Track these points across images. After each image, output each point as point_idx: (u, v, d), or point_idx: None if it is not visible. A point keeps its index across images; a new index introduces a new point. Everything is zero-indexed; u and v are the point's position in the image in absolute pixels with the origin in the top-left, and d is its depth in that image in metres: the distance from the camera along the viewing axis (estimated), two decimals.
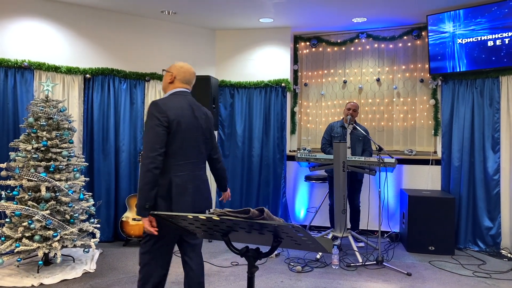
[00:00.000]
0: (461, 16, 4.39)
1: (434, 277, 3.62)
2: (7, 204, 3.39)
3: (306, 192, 5.40)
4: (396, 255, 4.24)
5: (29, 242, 3.33)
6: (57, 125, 3.70)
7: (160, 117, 2.26)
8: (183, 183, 2.32)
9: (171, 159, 2.30)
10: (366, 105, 5.37)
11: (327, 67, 5.55)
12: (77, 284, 3.34)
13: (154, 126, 2.25)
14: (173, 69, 2.48)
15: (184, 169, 2.34)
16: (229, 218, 1.46)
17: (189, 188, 2.34)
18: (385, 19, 4.89)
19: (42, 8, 4.28)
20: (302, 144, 5.65)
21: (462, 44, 4.42)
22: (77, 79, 4.44)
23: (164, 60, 5.06)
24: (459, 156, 4.60)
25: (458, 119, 4.62)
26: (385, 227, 4.94)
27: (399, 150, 5.21)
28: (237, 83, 5.37)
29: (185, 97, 2.43)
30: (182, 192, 2.31)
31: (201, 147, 2.45)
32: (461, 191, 4.56)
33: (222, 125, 5.40)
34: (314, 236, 1.46)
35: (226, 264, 3.89)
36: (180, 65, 2.49)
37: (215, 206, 5.43)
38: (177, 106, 2.34)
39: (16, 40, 4.14)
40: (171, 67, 2.50)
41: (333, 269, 3.77)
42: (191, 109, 2.41)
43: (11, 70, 4.06)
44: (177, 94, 2.43)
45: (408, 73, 5.21)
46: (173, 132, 2.29)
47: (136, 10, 4.69)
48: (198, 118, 2.42)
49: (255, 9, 4.60)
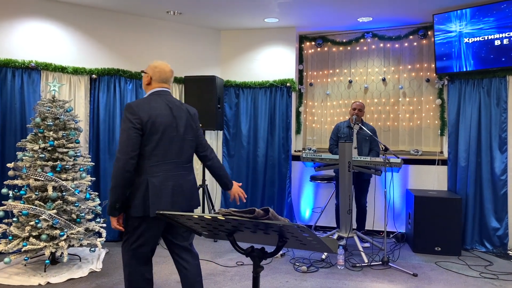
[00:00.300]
0: (467, 15, 4.36)
1: (441, 278, 3.60)
2: (14, 204, 3.43)
3: (311, 192, 5.39)
4: (402, 255, 4.22)
5: (36, 241, 3.35)
6: (64, 125, 3.72)
7: (132, 119, 2.25)
8: (160, 183, 2.31)
9: (147, 160, 2.31)
10: (372, 105, 5.35)
11: (332, 67, 5.54)
12: (84, 283, 3.36)
13: (126, 129, 2.25)
14: (149, 70, 2.47)
15: (161, 170, 2.33)
16: (234, 218, 1.46)
17: (167, 188, 2.33)
18: (391, 18, 4.87)
19: (49, 9, 4.31)
20: (308, 144, 5.64)
21: (469, 44, 4.39)
22: (83, 79, 4.47)
23: (170, 60, 5.07)
24: (465, 156, 4.57)
25: (464, 119, 4.59)
26: (391, 228, 4.92)
27: (405, 150, 5.18)
28: (242, 83, 5.38)
29: (163, 97, 2.42)
30: (159, 193, 2.30)
31: (182, 146, 2.43)
32: (468, 192, 4.52)
33: (227, 125, 5.40)
34: (319, 236, 1.46)
35: (231, 264, 3.90)
36: (155, 65, 2.47)
37: (221, 206, 5.44)
38: (153, 106, 2.33)
39: (23, 41, 4.18)
40: (147, 67, 2.49)
41: (339, 270, 3.76)
42: (169, 108, 2.40)
43: (18, 70, 4.10)
44: (155, 94, 2.42)
45: (414, 72, 5.18)
46: (147, 133, 2.29)
47: (142, 11, 4.71)
48: (177, 117, 2.41)
49: (260, 9, 4.60)
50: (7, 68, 4.04)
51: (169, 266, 3.80)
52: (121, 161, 2.22)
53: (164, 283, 3.40)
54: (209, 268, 3.78)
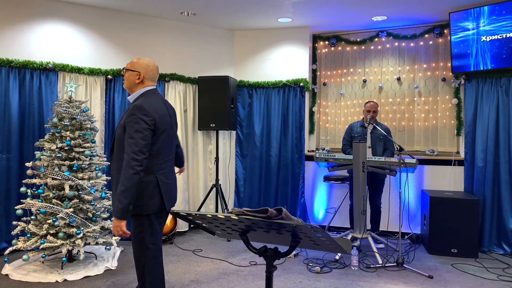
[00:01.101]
0: (485, 13, 4.27)
1: (457, 280, 3.54)
2: (32, 202, 3.50)
3: (324, 192, 5.36)
4: (417, 257, 4.16)
5: (53, 239, 3.42)
6: (80, 125, 3.79)
7: (147, 120, 2.29)
8: (167, 179, 2.43)
9: (155, 159, 2.37)
10: (387, 104, 5.29)
11: (346, 66, 5.50)
12: (99, 280, 3.41)
13: (142, 129, 2.26)
14: (140, 68, 2.45)
15: (165, 167, 2.44)
16: (247, 218, 1.46)
17: (171, 184, 2.49)
18: (406, 17, 4.81)
19: (66, 12, 4.39)
20: (321, 144, 5.62)
21: (487, 42, 4.31)
22: (99, 80, 4.54)
23: (184, 61, 5.12)
24: (483, 156, 4.48)
25: (482, 118, 4.50)
26: (405, 229, 4.86)
27: (420, 151, 5.11)
28: (255, 83, 5.38)
29: (159, 96, 2.49)
30: (169, 188, 2.44)
31: (174, 143, 2.56)
32: (485, 193, 4.43)
33: (240, 125, 5.42)
34: (333, 236, 1.45)
35: (244, 264, 3.91)
36: (146, 63, 2.47)
37: (234, 206, 5.46)
38: (158, 107, 2.38)
39: (41, 43, 4.26)
40: (135, 65, 2.45)
41: (352, 270, 3.73)
42: (166, 107, 2.48)
43: (36, 72, 4.18)
44: (150, 93, 2.45)
45: (430, 71, 5.10)
46: (157, 133, 2.35)
47: (156, 12, 4.75)
48: (171, 116, 2.51)
49: (273, 9, 4.59)
50: (26, 69, 4.13)
51: (183, 265, 3.83)
52: (138, 161, 2.22)
53: (178, 281, 3.43)
54: (223, 267, 3.80)
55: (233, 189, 5.49)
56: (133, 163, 2.21)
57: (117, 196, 2.21)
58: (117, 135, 2.40)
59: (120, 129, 2.37)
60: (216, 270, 3.73)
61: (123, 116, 2.40)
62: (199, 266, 3.82)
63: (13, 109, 4.02)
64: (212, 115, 4.92)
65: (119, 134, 2.38)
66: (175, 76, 4.96)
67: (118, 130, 2.39)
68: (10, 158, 4.02)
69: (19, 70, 4.10)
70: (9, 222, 3.96)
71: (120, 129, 2.37)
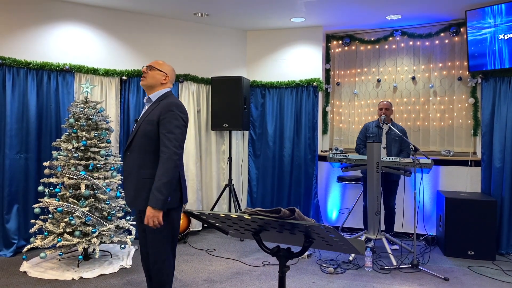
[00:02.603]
0: (503, 10, 4.19)
1: (474, 283, 3.48)
2: (50, 201, 3.57)
3: (338, 193, 5.33)
4: (433, 259, 4.10)
5: (70, 237, 3.48)
6: (96, 125, 3.85)
7: (184, 118, 2.43)
8: (183, 174, 2.55)
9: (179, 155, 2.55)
10: (401, 104, 5.23)
11: (360, 66, 5.45)
12: (114, 279, 3.46)
13: (181, 126, 2.39)
14: (167, 70, 2.57)
15: (182, 162, 2.52)
16: (260, 217, 1.47)
17: (185, 179, 2.58)
18: (421, 15, 4.75)
19: (82, 14, 4.47)
20: (334, 144, 5.58)
21: (505, 40, 4.22)
22: (114, 81, 4.60)
23: (197, 61, 5.16)
24: (500, 157, 4.39)
25: (499, 118, 4.41)
26: (420, 230, 4.80)
27: (435, 151, 5.04)
28: (268, 83, 5.38)
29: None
30: (185, 184, 2.56)
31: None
32: (503, 194, 4.34)
33: (253, 125, 5.42)
34: (346, 237, 1.44)
35: (257, 264, 3.91)
36: (171, 68, 2.61)
37: (247, 205, 5.47)
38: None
39: (58, 45, 4.35)
40: (164, 66, 2.57)
41: (366, 272, 3.70)
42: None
43: (53, 73, 4.26)
44: (171, 94, 2.56)
45: (445, 71, 5.02)
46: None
47: (170, 13, 4.80)
48: None
49: (286, 9, 4.59)
50: (43, 70, 4.21)
51: (196, 264, 3.86)
52: (178, 155, 2.34)
53: (191, 281, 3.46)
54: (236, 267, 3.81)
55: (246, 189, 5.50)
56: (175, 157, 2.32)
57: (158, 188, 2.28)
58: (143, 131, 2.41)
59: (150, 125, 2.39)
60: (229, 269, 3.74)
61: (148, 112, 2.45)
62: (212, 266, 3.84)
63: (31, 109, 4.11)
64: (225, 115, 4.94)
65: (146, 129, 2.40)
66: (189, 76, 4.99)
67: (145, 126, 2.41)
68: (28, 158, 4.11)
69: (37, 71, 4.18)
70: (27, 221, 4.05)
71: (149, 125, 2.39)
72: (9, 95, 4.01)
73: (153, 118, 2.39)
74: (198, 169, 5.02)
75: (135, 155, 2.43)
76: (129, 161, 2.46)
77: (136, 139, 2.44)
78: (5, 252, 3.94)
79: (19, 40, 4.15)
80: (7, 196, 4.00)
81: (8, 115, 4.00)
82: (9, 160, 4.00)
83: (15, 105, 4.05)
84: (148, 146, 2.39)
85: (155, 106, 2.45)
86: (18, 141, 4.06)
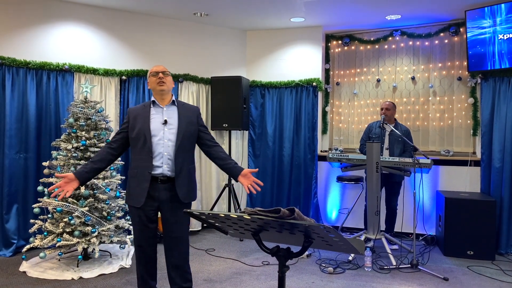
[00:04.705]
0: (503, 11, 4.19)
1: (473, 282, 3.48)
2: (49, 201, 3.57)
3: (338, 193, 5.33)
4: (432, 258, 4.11)
5: (69, 237, 3.48)
6: (95, 125, 3.85)
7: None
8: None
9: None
10: (401, 104, 5.23)
11: (360, 66, 5.45)
12: (114, 278, 3.46)
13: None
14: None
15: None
16: (259, 217, 1.47)
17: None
18: (421, 15, 4.75)
19: (81, 13, 4.46)
20: (334, 144, 5.58)
21: (504, 40, 4.22)
22: (114, 80, 4.60)
23: (197, 61, 5.15)
24: (500, 157, 4.39)
25: (499, 118, 4.41)
26: (420, 230, 4.80)
27: (435, 151, 5.04)
28: (268, 83, 5.38)
29: None
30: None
31: None
32: (503, 194, 4.35)
33: (253, 125, 5.42)
34: (346, 237, 1.44)
35: (257, 264, 3.91)
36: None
37: (246, 205, 5.46)
38: None
39: (57, 44, 4.34)
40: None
41: (366, 272, 3.70)
42: None
43: (53, 73, 4.26)
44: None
45: (445, 71, 5.03)
46: None
47: (169, 13, 4.80)
48: None
49: (286, 9, 4.59)
50: (43, 70, 4.21)
51: (196, 264, 3.86)
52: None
53: None
54: (235, 267, 3.81)
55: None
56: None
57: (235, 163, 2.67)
58: (189, 132, 2.65)
59: (192, 126, 2.67)
60: (228, 269, 3.74)
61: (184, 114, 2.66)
62: (211, 266, 3.84)
63: (30, 109, 4.11)
64: (225, 115, 4.94)
65: (191, 130, 2.67)
66: (188, 76, 4.99)
67: (189, 127, 2.65)
68: (27, 158, 4.11)
69: (36, 71, 4.18)
70: (26, 220, 4.05)
71: (192, 126, 2.67)
72: (8, 95, 4.00)
73: (193, 120, 2.68)
74: (197, 169, 5.02)
75: (184, 154, 2.63)
76: (179, 160, 2.60)
77: (183, 140, 2.61)
78: (5, 252, 3.94)
79: (18, 39, 4.14)
80: (7, 196, 4.00)
81: (7, 115, 4.00)
82: (9, 160, 4.00)
83: (15, 105, 4.05)
84: (192, 144, 2.70)
85: (183, 109, 2.69)
86: (17, 141, 4.06)
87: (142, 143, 2.55)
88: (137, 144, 2.58)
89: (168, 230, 2.63)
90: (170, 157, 2.57)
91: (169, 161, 2.57)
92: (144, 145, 2.55)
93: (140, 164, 2.56)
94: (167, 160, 2.57)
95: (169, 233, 2.63)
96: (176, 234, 2.62)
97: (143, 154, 2.56)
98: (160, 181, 2.56)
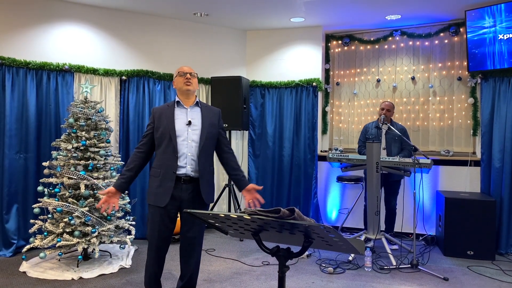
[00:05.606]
0: (502, 11, 4.19)
1: (473, 282, 3.48)
2: (49, 201, 3.57)
3: (338, 193, 5.33)
4: (432, 258, 4.11)
5: (69, 237, 3.48)
6: (95, 125, 3.85)
7: None
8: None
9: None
10: (401, 104, 5.23)
11: (359, 66, 5.45)
12: (114, 279, 3.46)
13: None
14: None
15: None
16: (260, 217, 1.47)
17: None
18: (421, 15, 4.75)
19: (81, 14, 4.46)
20: (334, 144, 5.58)
21: (504, 40, 4.22)
22: (114, 80, 4.60)
23: (197, 61, 5.15)
24: (500, 157, 4.39)
25: (499, 118, 4.41)
26: (420, 230, 4.80)
27: (435, 151, 5.04)
28: (268, 83, 5.38)
29: None
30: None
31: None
32: (503, 194, 4.35)
33: (253, 125, 5.42)
34: (346, 237, 1.44)
35: (257, 264, 3.91)
36: None
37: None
38: None
39: (57, 45, 4.34)
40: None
41: (366, 272, 3.70)
42: None
43: (53, 73, 4.26)
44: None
45: (445, 71, 5.03)
46: None
47: (169, 13, 4.80)
48: None
49: (286, 9, 4.59)
50: (43, 70, 4.21)
51: None
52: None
53: None
54: (235, 267, 3.81)
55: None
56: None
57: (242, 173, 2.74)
58: (211, 133, 2.68)
59: (214, 128, 2.70)
60: (229, 269, 3.74)
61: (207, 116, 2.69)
62: (212, 266, 3.84)
63: (30, 109, 4.11)
64: (225, 115, 4.88)
65: (213, 132, 2.69)
66: None
67: (211, 129, 2.68)
68: (27, 158, 4.10)
69: (36, 71, 4.18)
70: (26, 221, 4.05)
71: (214, 128, 2.70)
72: (8, 95, 4.00)
73: (215, 122, 2.71)
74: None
75: (206, 155, 2.65)
76: (202, 160, 2.62)
77: (206, 141, 2.64)
78: (5, 252, 3.94)
79: (18, 40, 4.14)
80: (7, 196, 4.00)
81: (7, 115, 4.00)
82: (9, 160, 4.00)
83: (15, 105, 4.04)
84: (213, 146, 2.72)
85: (206, 110, 2.72)
86: (17, 141, 4.06)
87: (167, 143, 2.57)
88: (161, 143, 2.60)
89: (186, 230, 2.66)
90: (194, 157, 2.60)
91: (192, 162, 2.60)
92: (169, 145, 2.57)
93: (164, 164, 2.57)
94: (191, 161, 2.60)
95: (186, 233, 2.66)
96: (194, 235, 2.66)
97: (167, 154, 2.57)
98: (183, 181, 2.58)
